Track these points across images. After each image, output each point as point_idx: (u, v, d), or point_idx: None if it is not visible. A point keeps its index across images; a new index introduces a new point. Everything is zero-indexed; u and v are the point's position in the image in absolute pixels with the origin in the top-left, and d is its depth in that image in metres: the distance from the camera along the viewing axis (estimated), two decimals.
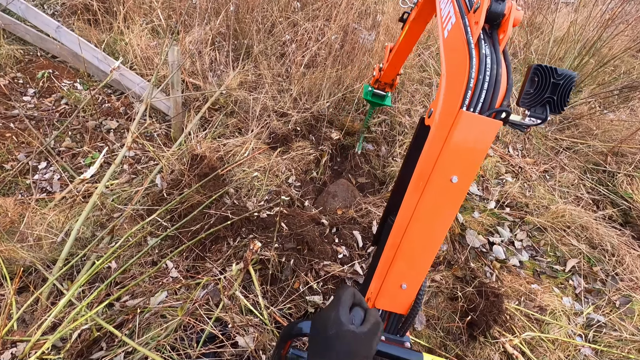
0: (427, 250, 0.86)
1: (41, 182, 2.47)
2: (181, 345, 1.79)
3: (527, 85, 0.81)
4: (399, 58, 2.26)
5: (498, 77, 0.77)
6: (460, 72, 0.80)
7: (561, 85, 0.80)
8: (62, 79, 3.16)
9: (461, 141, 0.76)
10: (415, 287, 0.90)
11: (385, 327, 0.96)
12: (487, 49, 0.80)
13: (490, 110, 0.77)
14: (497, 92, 0.77)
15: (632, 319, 2.25)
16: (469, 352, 1.99)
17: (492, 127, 0.76)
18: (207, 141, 2.75)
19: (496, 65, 0.78)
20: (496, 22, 0.83)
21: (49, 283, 1.83)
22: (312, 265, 2.09)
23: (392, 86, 2.55)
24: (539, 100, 0.81)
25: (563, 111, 0.84)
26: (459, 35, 0.86)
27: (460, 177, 0.79)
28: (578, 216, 2.74)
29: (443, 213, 0.82)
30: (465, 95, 0.77)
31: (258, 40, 3.63)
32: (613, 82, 4.62)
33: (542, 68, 0.79)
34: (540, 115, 0.82)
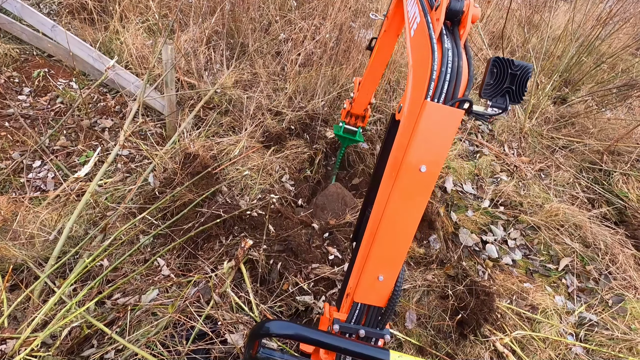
0: (400, 240, 0.89)
1: (35, 181, 2.48)
2: (171, 342, 1.80)
3: (487, 77, 0.84)
4: (370, 84, 2.21)
5: (459, 69, 0.81)
6: (424, 66, 0.84)
7: (518, 75, 0.83)
8: (57, 77, 3.17)
9: (427, 130, 0.80)
10: (392, 278, 0.91)
11: (365, 321, 0.97)
12: (449, 43, 0.85)
13: (453, 100, 0.80)
14: (459, 82, 0.81)
15: (624, 318, 2.25)
16: (460, 351, 1.99)
17: (455, 116, 0.80)
18: (201, 140, 2.75)
19: (457, 58, 0.82)
20: (456, 18, 0.88)
21: (40, 280, 1.84)
22: (301, 268, 2.09)
23: (364, 119, 2.51)
24: (499, 90, 0.85)
25: (522, 100, 0.87)
26: (423, 32, 0.91)
27: (428, 166, 0.82)
28: (572, 215, 2.74)
29: (414, 202, 0.85)
30: (429, 87, 0.81)
31: (254, 39, 3.63)
32: (612, 80, 4.60)
33: (500, 60, 0.83)
34: (501, 105, 0.85)
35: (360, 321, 0.97)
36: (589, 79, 4.48)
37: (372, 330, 0.96)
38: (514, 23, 5.03)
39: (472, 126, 3.64)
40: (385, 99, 3.52)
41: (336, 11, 3.60)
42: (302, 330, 0.77)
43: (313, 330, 0.79)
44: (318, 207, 2.63)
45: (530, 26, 5.10)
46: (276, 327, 0.77)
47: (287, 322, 0.79)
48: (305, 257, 2.13)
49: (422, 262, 2.35)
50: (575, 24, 4.43)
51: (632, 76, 4.62)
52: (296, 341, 0.79)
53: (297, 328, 0.77)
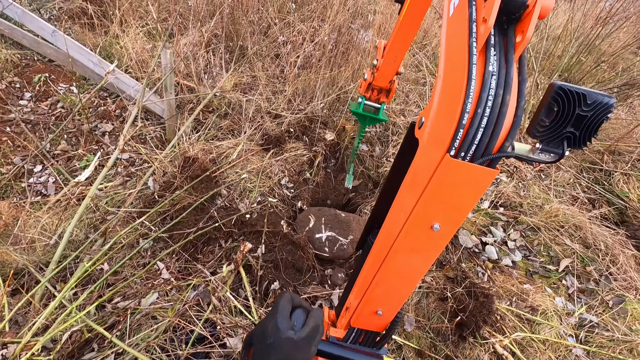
0: (405, 284, 0.81)
1: (36, 185, 2.50)
2: (171, 346, 1.81)
3: (543, 113, 0.59)
4: (398, 49, 1.77)
5: (503, 109, 0.56)
6: (457, 88, 0.59)
7: (589, 117, 0.57)
8: (58, 82, 3.19)
9: (444, 190, 0.62)
10: (391, 314, 0.88)
11: (362, 341, 0.95)
12: (496, 62, 0.57)
13: (485, 157, 0.58)
14: (498, 129, 0.57)
15: (624, 319, 2.24)
16: (459, 353, 1.99)
17: (486, 178, 0.60)
18: (200, 143, 2.76)
19: (503, 90, 0.56)
20: (515, 15, 0.57)
21: (41, 285, 1.86)
22: (296, 288, 2.11)
23: (389, 94, 2.04)
24: (557, 134, 0.59)
25: (586, 147, 0.62)
26: (462, 26, 0.62)
27: (442, 225, 0.67)
28: (572, 215, 2.73)
29: (422, 258, 0.75)
30: (455, 136, 0.58)
31: (253, 42, 3.64)
32: (612, 79, 4.59)
33: (567, 93, 0.56)
34: (555, 150, 0.60)
35: (357, 341, 0.95)
36: (589, 78, 4.46)
37: (369, 350, 0.94)
38: None
39: None
40: None
41: (334, 13, 3.61)
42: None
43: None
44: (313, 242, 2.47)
45: None
46: None
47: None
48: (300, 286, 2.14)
49: None
50: (575, 23, 4.42)
51: (632, 75, 4.60)
52: None
53: None
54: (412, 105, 3.51)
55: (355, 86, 3.33)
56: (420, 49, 4.00)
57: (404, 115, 3.46)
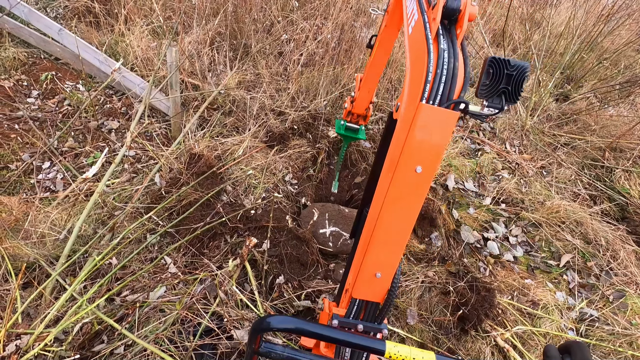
0: (397, 238, 0.91)
1: (45, 182, 2.54)
2: (179, 338, 1.85)
3: (483, 77, 0.85)
4: (371, 82, 2.16)
5: (455, 71, 0.81)
6: (421, 67, 0.84)
7: (514, 76, 0.83)
8: (64, 80, 3.23)
9: (422, 132, 0.81)
10: (389, 275, 0.94)
11: (363, 316, 1.00)
12: (445, 43, 0.84)
13: (449, 102, 0.81)
14: (454, 84, 0.81)
15: (624, 313, 2.27)
16: (461, 346, 2.02)
17: (451, 118, 0.80)
18: (205, 140, 2.80)
19: (453, 59, 0.82)
20: (453, 17, 0.87)
21: (52, 278, 1.90)
22: (301, 282, 2.15)
23: (366, 118, 2.44)
24: (495, 91, 0.85)
25: (518, 100, 0.88)
26: (420, 31, 0.91)
27: (424, 167, 0.83)
28: (573, 212, 2.76)
29: (410, 202, 0.87)
30: (424, 89, 0.81)
31: (256, 40, 3.67)
32: (614, 76, 4.60)
33: (496, 60, 0.83)
34: (497, 105, 0.86)
35: (358, 316, 1.00)
36: (591, 75, 4.47)
37: (370, 325, 0.99)
38: (515, 20, 5.03)
39: (474, 124, 3.66)
40: (387, 97, 3.54)
41: (337, 11, 3.63)
42: (302, 324, 0.80)
43: (312, 324, 0.82)
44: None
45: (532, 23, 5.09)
46: (277, 322, 0.80)
47: (288, 317, 0.83)
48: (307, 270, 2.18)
49: (423, 259, 2.39)
50: (577, 20, 4.42)
51: (635, 72, 4.61)
52: (297, 335, 0.82)
53: (297, 322, 0.81)
54: None
55: None
56: None
57: None
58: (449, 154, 3.11)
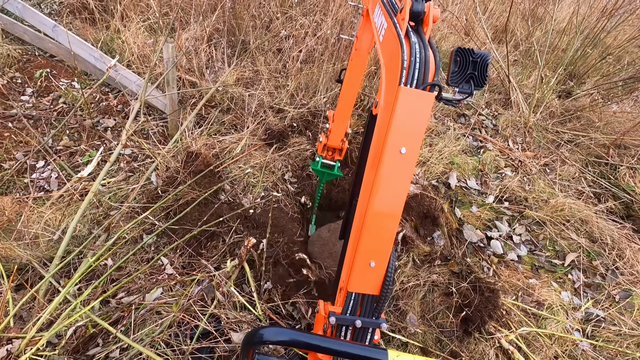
0: (388, 223, 0.93)
1: (39, 181, 2.49)
2: (175, 341, 1.80)
3: (452, 65, 0.95)
4: (344, 112, 2.21)
5: (427, 59, 0.90)
6: (395, 60, 0.92)
7: (478, 62, 0.94)
8: (59, 78, 3.17)
9: (403, 113, 0.87)
10: (383, 263, 0.93)
11: (360, 312, 0.97)
12: (415, 37, 0.95)
13: (424, 85, 0.89)
14: (427, 70, 0.90)
15: (631, 313, 2.22)
16: (464, 348, 1.98)
17: (428, 98, 0.88)
18: (203, 138, 2.75)
19: (424, 50, 0.91)
20: (419, 18, 0.99)
21: (45, 280, 1.85)
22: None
23: (342, 152, 2.45)
24: (463, 77, 0.95)
25: (485, 85, 0.97)
26: (391, 34, 1.01)
27: (408, 147, 0.89)
28: (578, 210, 2.71)
29: (398, 183, 0.91)
30: (401, 75, 0.89)
31: (255, 36, 3.61)
32: (617, 73, 4.54)
33: (461, 50, 0.94)
34: (466, 90, 0.95)
35: (355, 312, 0.97)
36: (594, 72, 4.42)
37: (369, 320, 0.96)
38: (517, 16, 4.97)
39: (476, 121, 3.61)
40: None
41: (337, 7, 3.57)
42: (297, 336, 0.76)
43: (309, 334, 0.78)
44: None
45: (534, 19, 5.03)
46: (270, 334, 0.75)
47: (281, 329, 0.78)
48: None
49: (426, 259, 2.34)
50: (580, 16, 4.36)
51: (638, 68, 4.55)
52: (292, 347, 0.79)
53: (292, 334, 0.76)
54: None
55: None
56: None
57: None
58: (451, 151, 3.06)
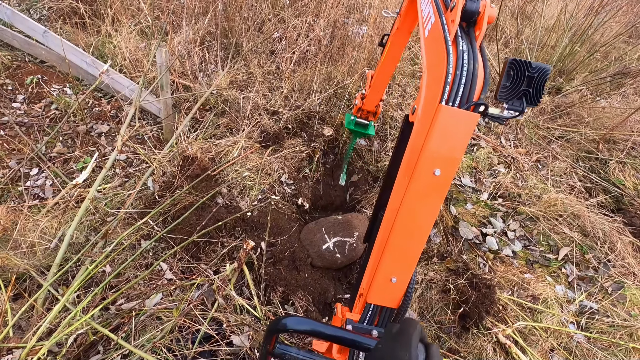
0: (414, 242, 0.89)
1: (33, 189, 2.47)
2: (177, 346, 1.81)
3: (504, 79, 0.84)
4: (381, 81, 2.18)
5: (475, 72, 0.80)
6: (439, 69, 0.82)
7: (536, 78, 0.82)
8: (51, 84, 3.14)
9: (441, 134, 0.79)
10: (405, 280, 0.92)
11: (378, 322, 0.97)
12: (465, 45, 0.83)
13: (468, 104, 0.79)
14: (474, 86, 0.80)
15: (624, 305, 2.28)
16: (462, 344, 2.01)
17: (471, 120, 0.79)
18: (199, 142, 2.75)
19: (473, 61, 0.80)
20: (472, 19, 0.86)
21: (44, 289, 1.84)
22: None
23: (375, 115, 2.47)
24: (516, 93, 0.84)
25: (539, 103, 0.86)
26: (437, 33, 0.89)
27: (442, 169, 0.81)
28: (570, 205, 2.76)
29: (428, 205, 0.85)
30: (444, 90, 0.79)
31: (247, 39, 3.61)
32: (605, 69, 4.62)
33: (517, 62, 0.82)
34: (517, 107, 0.84)
35: (373, 322, 0.97)
36: (582, 68, 4.49)
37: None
38: (507, 14, 5.03)
39: None
40: None
41: (329, 8, 3.59)
42: (317, 326, 0.79)
43: (329, 326, 0.80)
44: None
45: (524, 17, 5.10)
46: (292, 323, 0.79)
47: (304, 319, 0.81)
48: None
49: (422, 256, 2.37)
50: (568, 13, 4.43)
51: (625, 64, 4.64)
52: (312, 337, 0.82)
53: (313, 324, 0.79)
54: (409, 99, 3.51)
55: (352, 81, 3.32)
56: (415, 42, 4.00)
57: (401, 109, 3.46)
58: None
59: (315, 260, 2.29)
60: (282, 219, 2.42)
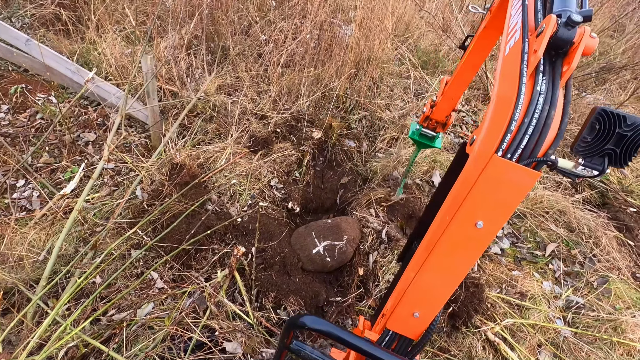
0: (443, 284, 0.83)
1: (20, 201, 2.45)
2: (170, 355, 1.82)
3: (586, 131, 0.68)
4: (457, 89, 1.90)
5: (548, 121, 0.65)
6: (507, 106, 0.69)
7: (629, 137, 0.66)
8: (35, 93, 3.11)
9: (490, 188, 0.69)
10: (429, 318, 0.89)
11: (395, 347, 0.97)
12: (544, 84, 0.67)
13: (530, 160, 0.66)
14: (543, 138, 0.66)
15: (609, 299, 2.33)
16: (452, 342, 2.05)
17: (529, 179, 0.67)
18: (187, 149, 2.74)
19: (550, 107, 0.66)
20: (562, 50, 0.68)
21: (33, 303, 1.83)
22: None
23: (445, 126, 2.18)
24: (598, 150, 0.68)
25: (627, 166, 0.72)
26: (516, 56, 0.73)
27: (486, 223, 0.72)
28: (556, 201, 2.81)
29: (464, 256, 0.77)
30: (503, 139, 0.67)
31: (234, 42, 3.60)
32: (590, 64, 4.69)
33: (607, 114, 0.66)
34: (597, 166, 0.69)
35: (390, 346, 0.96)
36: None
37: (401, 358, 0.96)
38: None
39: (457, 118, 3.69)
40: (369, 95, 3.53)
41: (315, 9, 3.59)
42: (334, 329, 0.81)
43: (345, 331, 0.82)
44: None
45: None
46: (311, 322, 0.81)
47: (322, 320, 0.82)
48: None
49: None
50: None
51: (609, 59, 4.71)
52: (328, 338, 0.84)
53: (331, 326, 0.81)
54: (397, 100, 3.53)
55: (340, 83, 3.33)
56: (402, 42, 4.02)
57: (389, 110, 3.48)
58: (434, 150, 3.12)
59: (305, 264, 2.31)
60: (272, 224, 2.43)
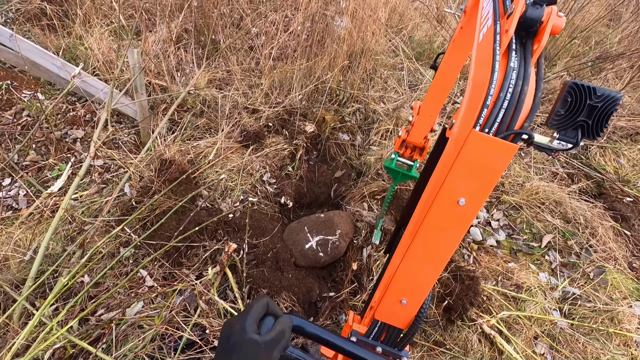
0: (428, 269, 0.83)
1: (6, 200, 2.40)
2: (160, 354, 1.78)
3: (559, 105, 0.70)
4: (434, 104, 1.80)
5: (522, 95, 0.68)
6: (483, 82, 0.71)
7: (599, 108, 0.69)
8: (21, 89, 3.04)
9: (470, 163, 0.70)
10: (416, 304, 0.88)
11: (384, 339, 0.95)
12: (516, 61, 0.70)
13: (507, 132, 0.68)
14: (518, 112, 0.68)
15: (605, 289, 2.31)
16: (447, 336, 2.02)
17: (507, 151, 0.68)
18: (177, 144, 2.69)
19: (522, 82, 0.68)
20: (532, 29, 0.71)
21: (18, 304, 1.79)
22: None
23: (423, 151, 2.08)
24: (571, 123, 0.70)
25: (599, 137, 0.72)
26: (489, 41, 0.76)
27: (468, 200, 0.73)
28: (552, 192, 2.78)
29: (448, 235, 0.78)
30: (480, 114, 0.69)
31: (225, 35, 3.53)
32: (586, 53, 4.64)
33: (578, 87, 0.69)
34: (570, 139, 0.71)
35: (379, 337, 0.95)
36: (564, 53, 4.50)
37: (390, 349, 0.94)
38: None
39: (451, 110, 3.64)
40: (362, 87, 3.48)
41: (307, 1, 3.52)
42: (322, 333, 0.78)
43: (333, 334, 0.80)
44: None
45: None
46: (300, 324, 0.78)
47: (310, 323, 0.80)
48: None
49: None
50: None
51: (605, 48, 4.66)
52: (316, 342, 0.81)
53: (319, 330, 0.79)
54: (391, 92, 3.48)
55: (333, 75, 3.27)
56: (396, 33, 3.96)
57: (384, 102, 3.43)
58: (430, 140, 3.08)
59: (298, 260, 2.27)
60: (264, 220, 2.39)
